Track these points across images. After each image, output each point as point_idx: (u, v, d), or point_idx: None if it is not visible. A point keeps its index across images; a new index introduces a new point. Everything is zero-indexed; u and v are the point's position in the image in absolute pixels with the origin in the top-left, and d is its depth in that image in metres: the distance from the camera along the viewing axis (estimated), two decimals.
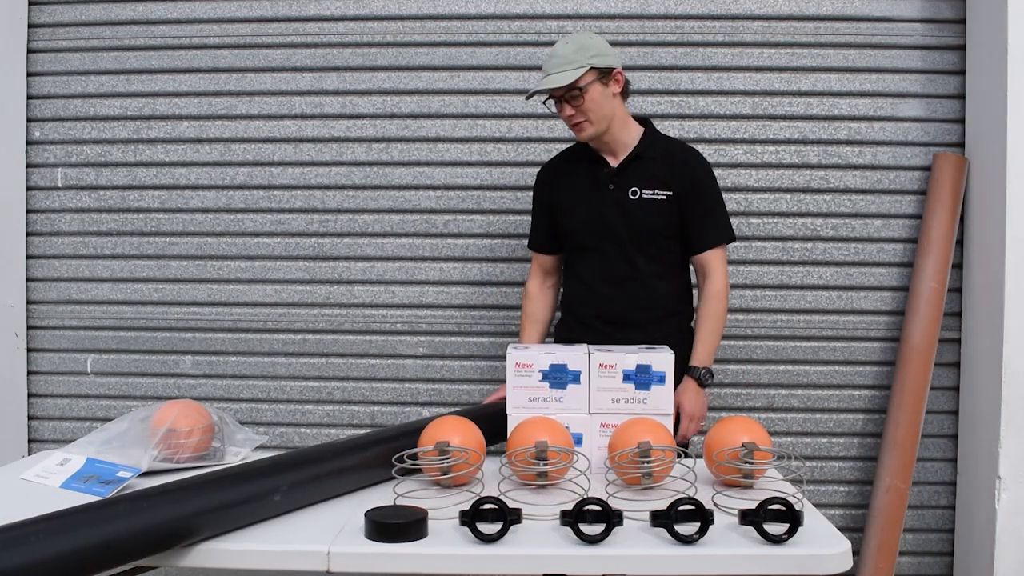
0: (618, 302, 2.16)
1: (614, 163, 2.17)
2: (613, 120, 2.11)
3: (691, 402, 2.10)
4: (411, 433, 1.69)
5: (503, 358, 2.15)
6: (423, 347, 2.90)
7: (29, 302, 2.96)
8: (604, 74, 2.07)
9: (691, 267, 2.25)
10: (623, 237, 2.14)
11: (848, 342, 2.82)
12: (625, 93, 2.15)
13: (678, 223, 2.14)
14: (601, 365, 1.75)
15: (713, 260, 2.17)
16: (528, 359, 1.77)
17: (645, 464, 1.56)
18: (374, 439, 1.71)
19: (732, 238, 2.22)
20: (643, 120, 2.22)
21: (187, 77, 2.91)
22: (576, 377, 1.76)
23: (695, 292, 2.28)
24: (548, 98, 2.12)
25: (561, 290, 2.36)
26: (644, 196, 2.12)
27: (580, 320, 2.22)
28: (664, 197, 2.12)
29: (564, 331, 2.28)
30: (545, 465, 1.58)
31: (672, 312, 2.21)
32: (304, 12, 2.88)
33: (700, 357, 2.14)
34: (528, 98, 2.13)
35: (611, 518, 1.34)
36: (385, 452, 1.63)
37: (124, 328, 2.95)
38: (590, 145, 2.18)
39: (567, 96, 2.05)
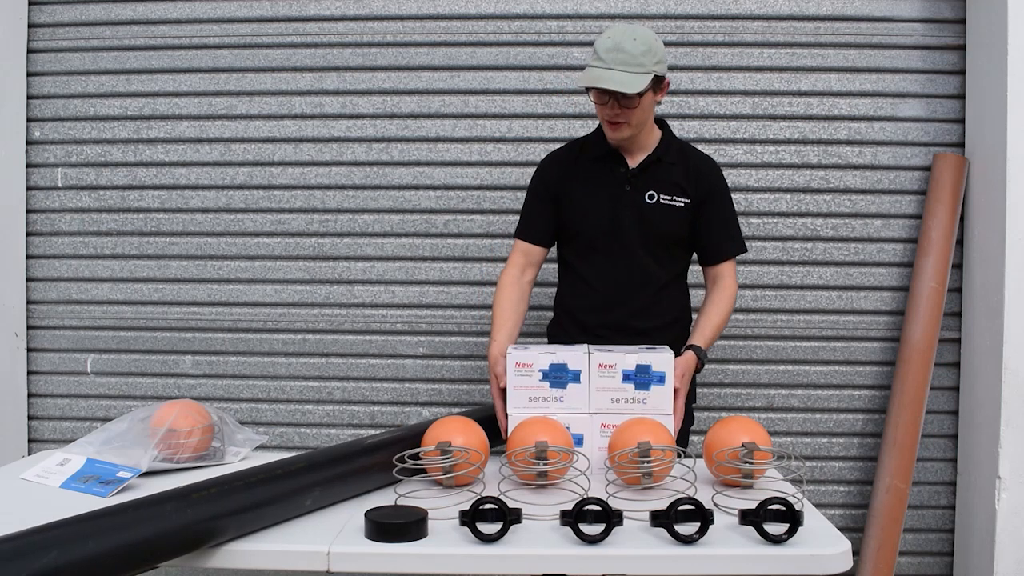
0: (628, 309, 2.08)
1: (632, 164, 2.07)
2: (645, 124, 2.03)
3: (682, 396, 1.87)
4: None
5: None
6: (423, 347, 2.90)
7: (29, 302, 2.96)
8: (658, 82, 1.97)
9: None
10: (636, 241, 2.06)
11: (848, 342, 2.83)
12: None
13: (689, 231, 2.09)
14: (601, 365, 1.75)
15: (729, 271, 2.12)
16: (528, 359, 1.77)
17: (645, 464, 1.56)
18: (406, 434, 1.73)
19: (745, 249, 2.16)
20: (660, 121, 2.14)
21: (187, 77, 2.92)
22: (576, 376, 1.76)
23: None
24: (590, 88, 1.96)
25: (557, 288, 2.26)
26: (662, 201, 2.05)
27: (584, 327, 2.12)
28: (682, 204, 2.06)
29: (562, 335, 2.17)
30: (545, 465, 1.58)
31: (675, 319, 2.16)
32: (304, 12, 2.88)
33: (708, 338, 2.02)
34: (584, 87, 1.95)
35: (611, 518, 1.34)
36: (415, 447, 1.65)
37: (124, 328, 2.95)
38: (609, 142, 2.06)
39: (622, 98, 1.92)
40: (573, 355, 1.76)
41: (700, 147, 2.79)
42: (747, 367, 2.84)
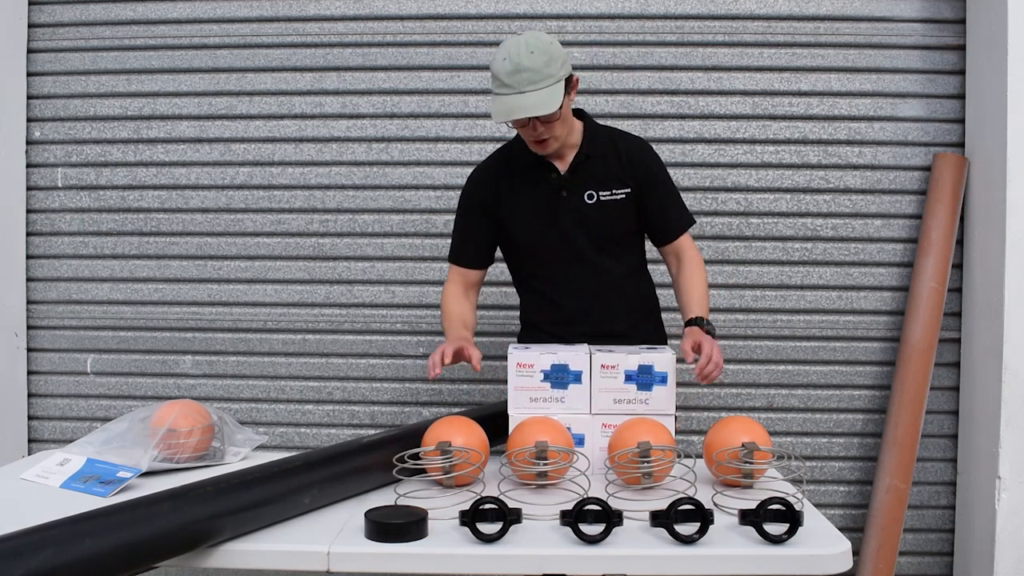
0: (597, 315, 2.04)
1: (562, 167, 1.99)
2: (568, 128, 1.95)
3: (710, 342, 1.81)
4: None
5: (503, 358, 2.15)
6: (423, 347, 2.90)
7: (29, 302, 2.96)
8: (567, 83, 1.87)
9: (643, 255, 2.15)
10: (584, 244, 2.00)
11: (848, 342, 2.82)
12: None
13: (636, 218, 2.04)
14: (603, 366, 1.75)
15: (689, 243, 2.06)
16: (529, 359, 1.77)
17: (645, 464, 1.56)
18: (405, 433, 1.72)
19: (694, 220, 2.11)
20: (579, 113, 2.04)
21: (187, 77, 2.91)
22: (578, 377, 1.76)
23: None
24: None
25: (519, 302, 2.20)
26: (602, 198, 1.98)
27: (557, 338, 2.02)
28: (623, 195, 1.99)
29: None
30: (545, 465, 1.58)
31: (649, 309, 2.14)
32: (304, 12, 2.88)
33: (703, 307, 1.96)
34: (503, 121, 1.84)
35: (611, 518, 1.34)
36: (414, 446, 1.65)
37: (124, 328, 2.95)
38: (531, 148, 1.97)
39: (543, 116, 1.83)
40: (575, 356, 1.76)
41: (700, 147, 2.82)
42: (747, 367, 2.84)
